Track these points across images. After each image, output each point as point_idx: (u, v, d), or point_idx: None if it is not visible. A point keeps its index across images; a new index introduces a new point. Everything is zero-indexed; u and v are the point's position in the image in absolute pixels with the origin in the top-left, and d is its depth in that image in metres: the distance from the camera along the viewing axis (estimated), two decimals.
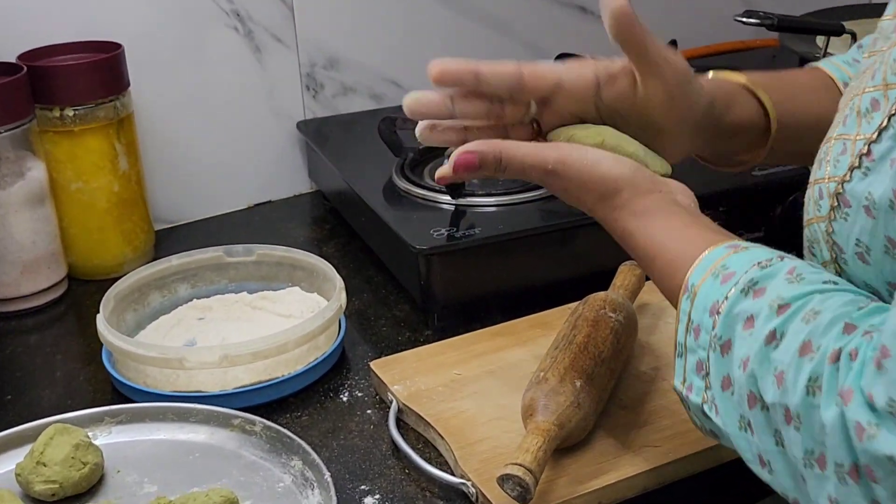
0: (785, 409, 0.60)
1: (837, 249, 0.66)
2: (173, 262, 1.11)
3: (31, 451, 0.86)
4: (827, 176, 0.67)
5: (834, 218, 0.65)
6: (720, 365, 0.65)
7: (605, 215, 0.76)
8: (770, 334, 0.61)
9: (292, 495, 0.84)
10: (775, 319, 0.61)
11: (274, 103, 1.38)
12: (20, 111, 1.11)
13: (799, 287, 0.62)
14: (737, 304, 0.64)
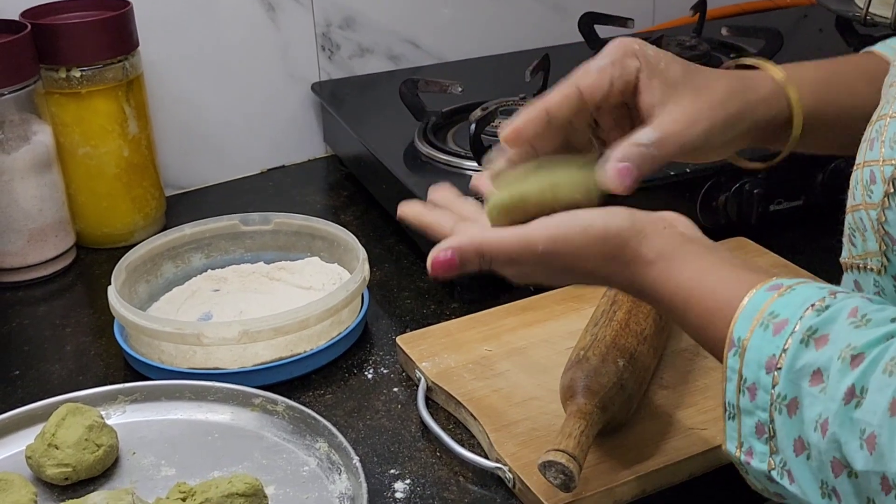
0: (882, 478, 0.52)
1: (890, 240, 0.59)
2: (187, 231, 1.06)
3: (43, 432, 0.81)
4: (882, 158, 0.59)
5: (889, 206, 0.58)
6: (789, 427, 0.57)
7: (619, 275, 0.67)
8: (848, 391, 0.53)
9: (318, 480, 0.80)
10: (851, 373, 0.53)
11: (288, 64, 1.32)
12: (24, 72, 1.06)
13: (868, 332, 0.54)
14: (798, 357, 0.56)
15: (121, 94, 1.12)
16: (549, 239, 0.67)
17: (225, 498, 0.72)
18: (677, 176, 1.05)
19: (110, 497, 0.73)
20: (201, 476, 0.80)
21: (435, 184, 0.79)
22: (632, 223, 0.67)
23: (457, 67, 1.39)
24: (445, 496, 0.78)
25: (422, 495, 0.79)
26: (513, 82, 1.25)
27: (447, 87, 1.19)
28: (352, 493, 0.77)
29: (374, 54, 1.38)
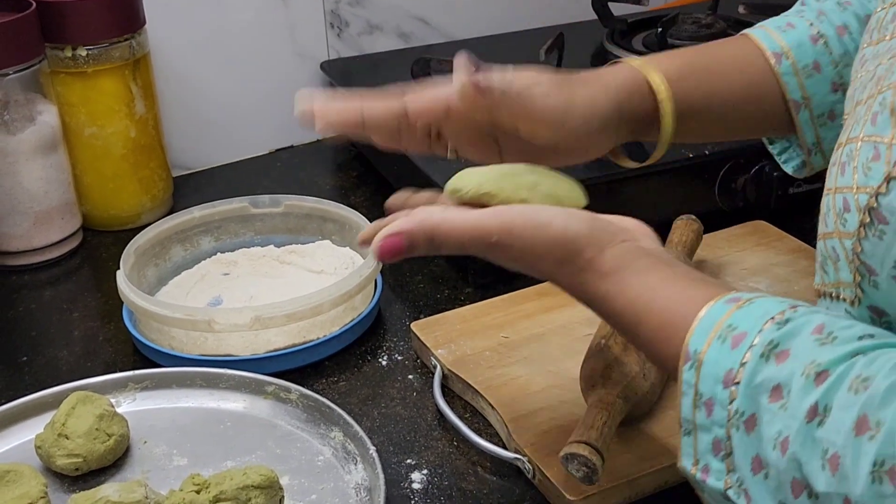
0: (844, 500, 0.49)
1: (866, 270, 0.55)
2: (195, 214, 1.04)
3: (52, 421, 0.79)
4: (856, 185, 0.56)
5: (865, 235, 0.54)
6: (747, 445, 0.54)
7: (569, 281, 0.64)
8: (811, 409, 0.50)
9: (334, 470, 0.78)
10: (814, 391, 0.50)
11: (296, 42, 1.30)
12: (29, 50, 1.04)
13: (834, 349, 0.52)
14: (758, 372, 0.53)
15: (127, 73, 1.10)
16: (503, 230, 0.63)
17: (240, 490, 0.71)
18: (695, 158, 1.03)
19: (123, 489, 0.71)
20: (214, 466, 0.79)
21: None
22: (590, 230, 0.64)
23: (468, 46, 1.36)
24: (463, 487, 0.77)
25: (439, 486, 0.77)
26: (526, 61, 1.22)
27: None
28: (368, 484, 0.76)
29: (384, 32, 1.35)
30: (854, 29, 0.78)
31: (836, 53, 0.78)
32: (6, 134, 1.04)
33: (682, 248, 0.93)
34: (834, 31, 0.79)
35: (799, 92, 0.78)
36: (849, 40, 0.78)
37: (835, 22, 0.79)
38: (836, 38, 0.78)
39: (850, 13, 0.79)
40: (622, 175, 1.02)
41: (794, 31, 0.79)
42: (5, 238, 1.07)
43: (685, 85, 0.76)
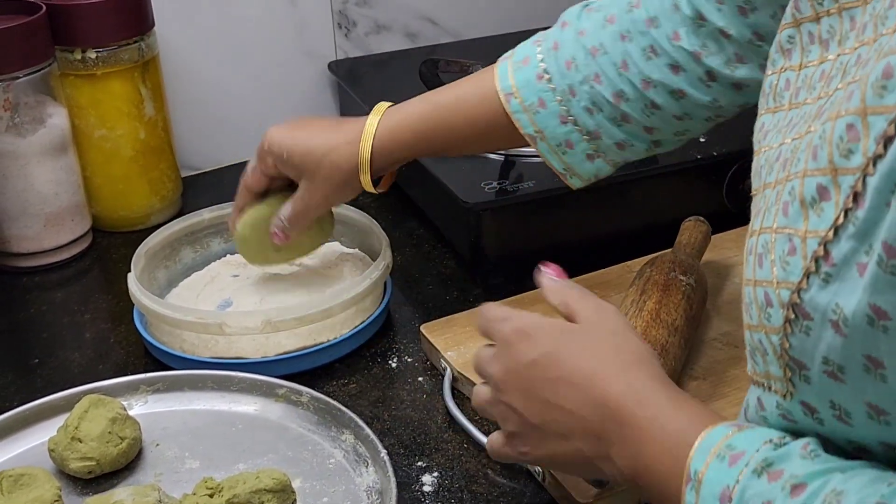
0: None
1: (797, 365, 0.54)
2: (205, 216, 1.04)
3: (65, 425, 0.80)
4: (775, 280, 0.54)
5: (791, 332, 0.53)
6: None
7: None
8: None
9: (345, 473, 0.79)
10: (790, 501, 0.51)
11: (304, 42, 1.30)
12: (39, 53, 1.04)
13: (814, 464, 0.52)
14: (749, 487, 0.53)
15: (136, 75, 1.11)
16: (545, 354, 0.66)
17: (253, 494, 0.71)
18: (703, 160, 1.03)
19: (136, 493, 0.72)
20: (226, 469, 0.79)
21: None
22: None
23: (475, 45, 1.37)
24: (474, 489, 0.77)
25: (450, 488, 0.78)
26: None
27: (468, 66, 1.17)
28: (380, 487, 0.76)
29: (391, 31, 1.36)
30: (581, 60, 0.81)
31: (560, 89, 0.82)
32: (17, 136, 1.04)
33: (691, 250, 0.93)
34: (560, 66, 0.82)
35: (531, 127, 0.84)
36: (574, 72, 0.82)
37: (564, 56, 0.83)
38: (560, 73, 0.82)
39: (580, 45, 0.82)
40: (631, 177, 1.02)
41: (526, 69, 0.84)
42: (16, 240, 1.07)
43: (415, 145, 0.87)
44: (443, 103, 0.87)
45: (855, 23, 0.55)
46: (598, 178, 0.87)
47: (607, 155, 0.84)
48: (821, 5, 0.58)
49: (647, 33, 0.79)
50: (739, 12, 0.75)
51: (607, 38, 0.81)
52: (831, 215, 0.50)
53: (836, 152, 0.50)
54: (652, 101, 0.81)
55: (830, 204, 0.50)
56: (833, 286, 0.49)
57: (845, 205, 0.49)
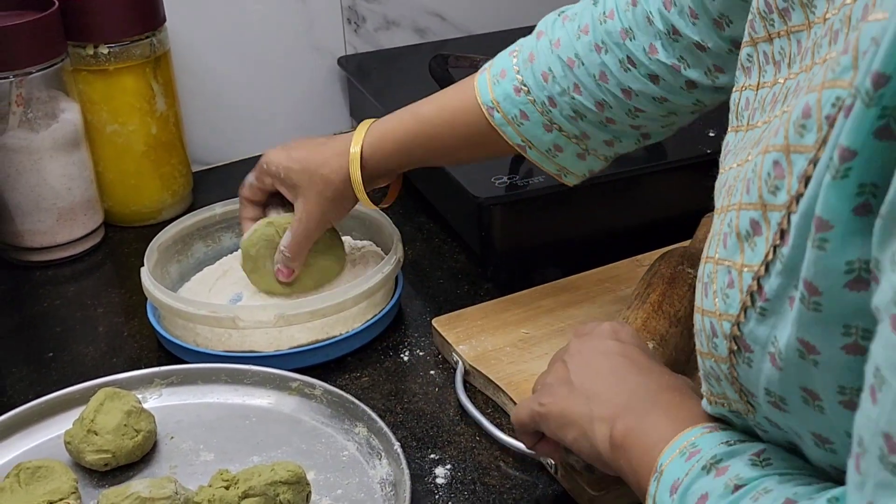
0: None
1: (746, 393, 0.55)
2: (217, 211, 1.05)
3: (81, 417, 0.81)
4: (717, 311, 0.54)
5: (736, 362, 0.54)
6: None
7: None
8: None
9: (359, 465, 0.79)
10: (728, 498, 0.54)
11: (314, 38, 1.31)
12: (52, 49, 1.05)
13: (762, 470, 0.55)
14: (695, 481, 0.56)
15: (148, 70, 1.11)
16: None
17: (268, 486, 0.72)
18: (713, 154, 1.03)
19: (153, 485, 0.73)
20: (240, 461, 0.80)
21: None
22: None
23: (484, 41, 1.37)
24: (487, 481, 0.78)
25: (463, 480, 0.78)
26: None
27: (478, 61, 1.17)
28: (393, 479, 0.77)
29: (400, 27, 1.36)
30: (558, 72, 0.82)
31: (539, 101, 0.83)
32: (30, 131, 1.05)
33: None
34: (537, 78, 0.83)
35: (518, 138, 0.85)
36: (552, 84, 0.82)
37: (540, 67, 0.83)
38: (538, 86, 0.83)
39: (556, 56, 0.82)
40: (640, 171, 1.03)
41: (504, 83, 0.84)
42: (29, 234, 1.08)
43: (402, 155, 0.89)
44: (426, 115, 0.89)
45: (801, 46, 0.55)
46: (592, 173, 0.88)
47: (598, 151, 0.85)
48: (772, 26, 0.58)
49: (622, 45, 0.79)
50: (715, 26, 0.73)
51: (582, 50, 0.81)
52: (762, 250, 0.51)
53: (764, 188, 0.50)
54: (635, 106, 0.81)
55: (762, 239, 0.51)
56: (771, 320, 0.50)
57: (774, 241, 0.50)
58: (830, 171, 0.44)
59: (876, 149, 0.42)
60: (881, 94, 0.41)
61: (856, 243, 0.44)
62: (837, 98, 0.45)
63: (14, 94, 1.03)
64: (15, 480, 0.75)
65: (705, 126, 1.07)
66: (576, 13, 0.83)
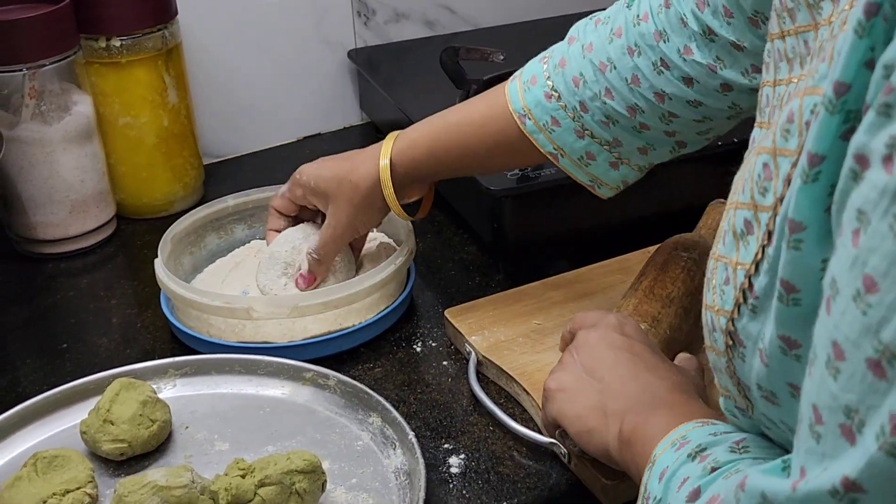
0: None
1: (744, 387, 0.56)
2: (229, 203, 1.05)
3: (97, 407, 0.81)
4: (716, 306, 0.56)
5: (732, 356, 0.55)
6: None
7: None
8: (693, 491, 0.56)
9: (373, 455, 0.80)
10: (704, 479, 0.56)
11: (324, 31, 1.31)
12: (65, 42, 1.05)
13: (739, 455, 0.57)
14: (680, 468, 0.59)
15: (160, 63, 1.12)
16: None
17: (284, 475, 0.72)
18: (725, 146, 1.04)
19: (169, 474, 0.73)
20: (255, 451, 0.80)
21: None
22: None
23: (493, 34, 1.38)
24: (501, 471, 0.79)
25: (477, 469, 0.79)
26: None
27: (489, 54, 1.17)
28: (408, 468, 0.77)
29: (410, 20, 1.36)
30: (589, 76, 0.81)
31: (570, 107, 0.83)
32: (43, 124, 1.05)
33: (709, 231, 0.94)
34: (568, 83, 0.83)
35: (550, 145, 0.84)
36: (583, 89, 0.82)
37: (571, 72, 0.82)
38: (569, 91, 0.83)
39: (587, 61, 0.82)
40: None
41: (534, 89, 0.84)
42: (42, 226, 1.09)
43: (432, 163, 0.89)
44: (456, 122, 0.88)
45: (808, 47, 0.56)
46: (626, 184, 0.87)
47: (631, 160, 0.85)
48: (784, 23, 0.58)
49: (655, 47, 0.78)
50: (750, 24, 0.72)
51: (615, 53, 0.80)
52: (753, 250, 0.52)
53: (756, 188, 0.52)
54: (668, 111, 0.80)
55: (753, 238, 0.52)
56: (760, 317, 0.52)
57: (762, 241, 0.51)
58: (801, 175, 0.46)
59: (843, 150, 0.43)
60: (843, 100, 0.43)
61: (830, 242, 0.45)
62: (815, 105, 0.47)
63: (27, 87, 1.04)
64: (32, 469, 0.75)
65: None
66: (608, 17, 0.83)
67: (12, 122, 1.05)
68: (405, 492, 0.76)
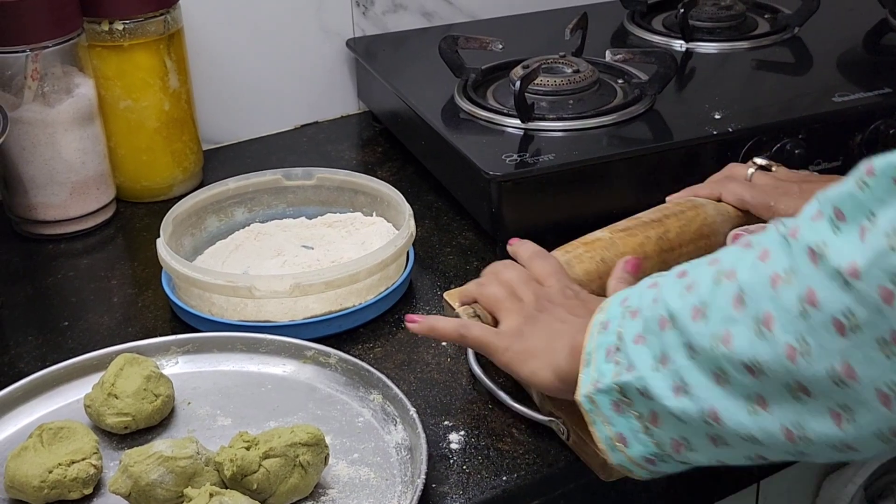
0: (693, 309, 0.60)
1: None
2: (230, 185, 1.06)
3: (101, 381, 0.82)
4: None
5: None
6: (631, 326, 0.65)
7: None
8: (680, 272, 0.63)
9: (374, 431, 0.81)
10: (682, 279, 0.63)
11: (323, 20, 1.32)
12: (67, 24, 1.06)
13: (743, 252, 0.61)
14: (643, 285, 0.66)
15: (162, 47, 1.13)
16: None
17: (288, 447, 0.73)
18: (719, 135, 1.05)
19: (174, 445, 0.74)
20: (257, 426, 0.81)
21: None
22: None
23: (490, 25, 1.39)
24: (500, 447, 0.80)
25: (476, 446, 0.80)
26: (547, 40, 1.25)
27: (487, 44, 1.19)
28: (409, 444, 0.78)
29: (408, 10, 1.38)
30: None
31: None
32: (45, 105, 1.06)
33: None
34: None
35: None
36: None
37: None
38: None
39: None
40: (651, 151, 1.04)
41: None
42: (43, 207, 1.09)
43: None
44: None
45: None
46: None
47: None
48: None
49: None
50: None
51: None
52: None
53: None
54: None
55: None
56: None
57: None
58: None
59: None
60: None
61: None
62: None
63: (30, 69, 1.05)
64: (38, 440, 0.76)
65: (712, 108, 1.09)
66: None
67: (15, 104, 1.05)
68: (406, 466, 0.77)
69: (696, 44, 1.28)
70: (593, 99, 1.12)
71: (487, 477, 0.77)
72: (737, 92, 1.16)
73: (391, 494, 0.75)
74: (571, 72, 1.13)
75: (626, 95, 1.13)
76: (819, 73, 1.23)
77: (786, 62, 1.26)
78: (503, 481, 0.77)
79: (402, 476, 0.76)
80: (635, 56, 1.16)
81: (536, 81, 1.10)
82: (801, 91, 1.17)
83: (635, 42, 1.31)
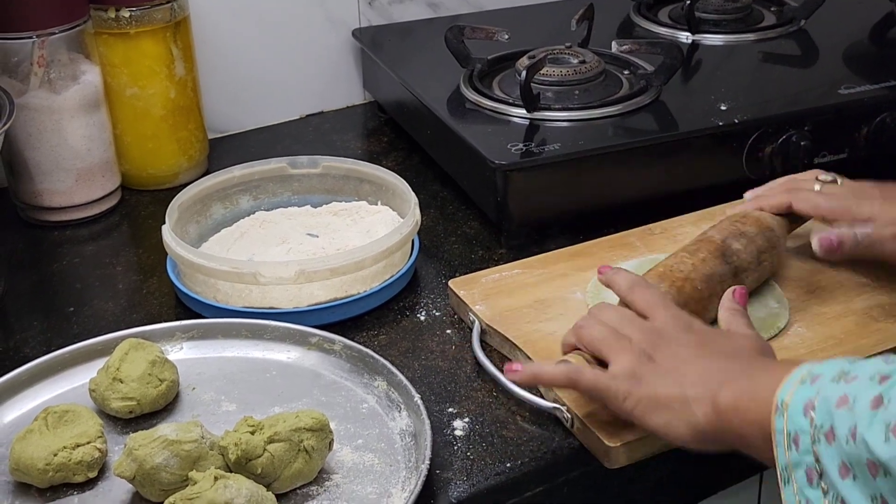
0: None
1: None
2: (235, 173, 1.06)
3: (106, 366, 0.82)
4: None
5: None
6: (831, 454, 0.59)
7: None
8: (875, 399, 0.57)
9: (378, 417, 0.81)
10: (878, 387, 0.57)
11: (329, 10, 1.32)
12: (74, 11, 1.06)
13: (891, 365, 0.59)
14: (831, 390, 0.59)
15: (168, 35, 1.13)
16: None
17: (293, 432, 0.74)
18: (724, 127, 1.05)
19: (179, 429, 0.74)
20: (262, 412, 0.81)
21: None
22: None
23: (496, 16, 1.39)
24: (504, 434, 0.80)
25: (481, 433, 0.80)
26: (553, 31, 1.25)
27: (493, 34, 1.19)
28: (413, 430, 0.78)
29: (414, 1, 1.38)
30: None
31: None
32: (51, 92, 1.06)
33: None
34: None
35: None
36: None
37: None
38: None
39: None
40: (656, 142, 1.04)
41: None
42: (49, 194, 1.09)
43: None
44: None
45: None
46: None
47: None
48: None
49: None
50: None
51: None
52: None
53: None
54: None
55: None
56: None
57: None
58: None
59: None
60: None
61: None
62: None
63: (36, 55, 1.05)
64: (43, 423, 0.77)
65: (717, 100, 1.09)
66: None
67: (21, 90, 1.06)
68: (410, 452, 0.77)
69: (703, 36, 1.28)
70: (599, 89, 1.12)
71: (491, 463, 0.77)
72: (743, 84, 1.16)
73: (395, 480, 0.75)
74: (577, 62, 1.13)
75: (631, 86, 1.13)
76: (825, 66, 1.23)
77: (792, 54, 1.26)
78: (507, 468, 0.77)
79: (406, 462, 0.77)
80: (641, 47, 1.16)
81: (542, 72, 1.10)
82: (807, 83, 1.17)
83: (641, 34, 1.31)
